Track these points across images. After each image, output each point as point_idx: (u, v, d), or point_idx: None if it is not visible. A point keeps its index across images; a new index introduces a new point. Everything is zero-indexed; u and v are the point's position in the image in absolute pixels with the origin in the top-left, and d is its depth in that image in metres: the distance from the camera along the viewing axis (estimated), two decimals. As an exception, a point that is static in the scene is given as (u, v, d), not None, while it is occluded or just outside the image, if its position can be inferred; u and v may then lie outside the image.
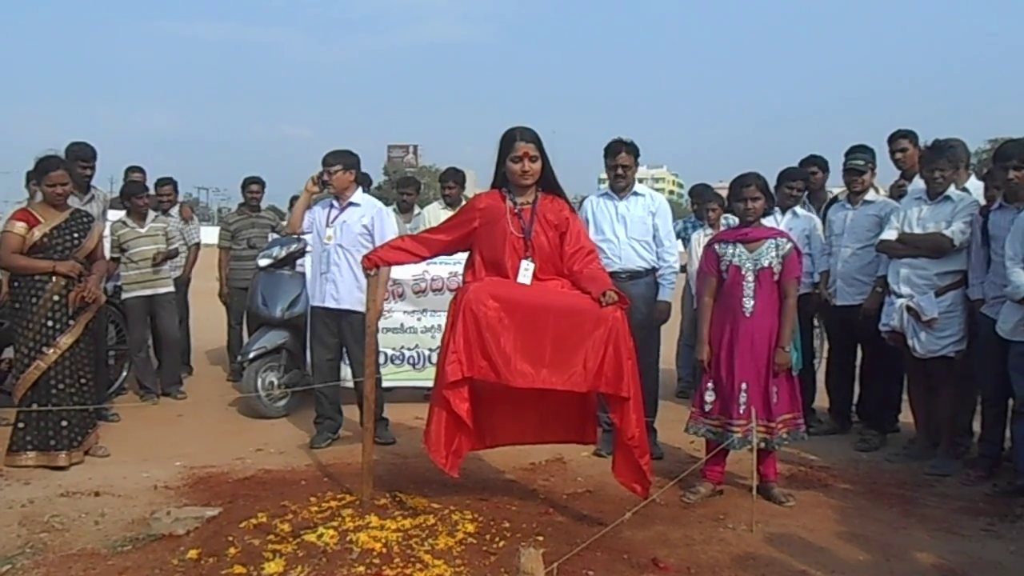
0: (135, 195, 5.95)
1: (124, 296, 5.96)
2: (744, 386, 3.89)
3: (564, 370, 3.29)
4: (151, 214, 6.08)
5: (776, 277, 3.93)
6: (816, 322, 5.77)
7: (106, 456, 4.62)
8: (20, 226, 4.31)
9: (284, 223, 7.30)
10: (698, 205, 6.55)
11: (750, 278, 3.92)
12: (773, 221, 5.28)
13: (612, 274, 4.56)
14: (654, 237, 4.70)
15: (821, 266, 5.29)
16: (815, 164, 5.77)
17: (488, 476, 4.35)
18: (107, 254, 5.13)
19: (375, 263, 3.67)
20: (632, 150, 4.70)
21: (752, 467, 3.75)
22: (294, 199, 9.45)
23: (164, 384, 6.21)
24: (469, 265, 3.65)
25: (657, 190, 5.56)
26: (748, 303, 3.91)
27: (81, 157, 5.23)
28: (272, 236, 6.78)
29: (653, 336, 4.76)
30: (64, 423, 4.36)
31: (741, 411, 3.86)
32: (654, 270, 4.72)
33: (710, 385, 4.01)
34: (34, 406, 4.30)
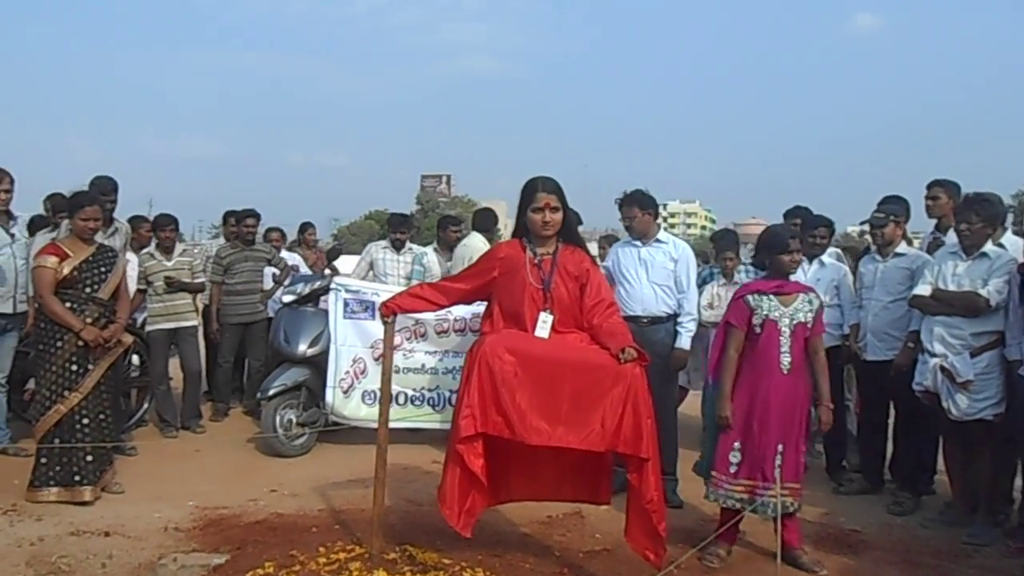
0: (162, 228, 6.00)
1: (148, 328, 5.99)
2: (781, 448, 3.72)
3: (581, 428, 3.19)
4: (178, 247, 6.13)
5: (807, 333, 3.81)
6: (846, 373, 5.59)
7: (120, 493, 4.59)
8: (52, 260, 4.34)
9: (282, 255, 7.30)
10: (716, 251, 6.34)
11: (786, 333, 3.76)
12: (801, 271, 5.18)
13: (632, 318, 4.58)
14: (675, 284, 4.68)
15: (851, 319, 5.14)
16: (798, 216, 5.63)
17: (503, 529, 4.24)
18: (132, 286, 5.17)
19: (392, 310, 3.62)
20: (639, 202, 4.73)
21: (777, 535, 3.57)
22: (306, 225, 9.55)
23: (184, 418, 6.20)
24: (487, 315, 3.59)
25: (689, 225, 5.51)
26: (785, 359, 3.75)
27: (104, 190, 5.28)
28: (268, 271, 6.74)
29: (671, 384, 4.68)
30: (90, 458, 4.36)
31: (777, 475, 3.66)
32: (675, 316, 4.68)
33: (736, 445, 3.82)
34: (57, 442, 4.30)
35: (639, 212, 4.76)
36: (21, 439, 5.26)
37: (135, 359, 6.18)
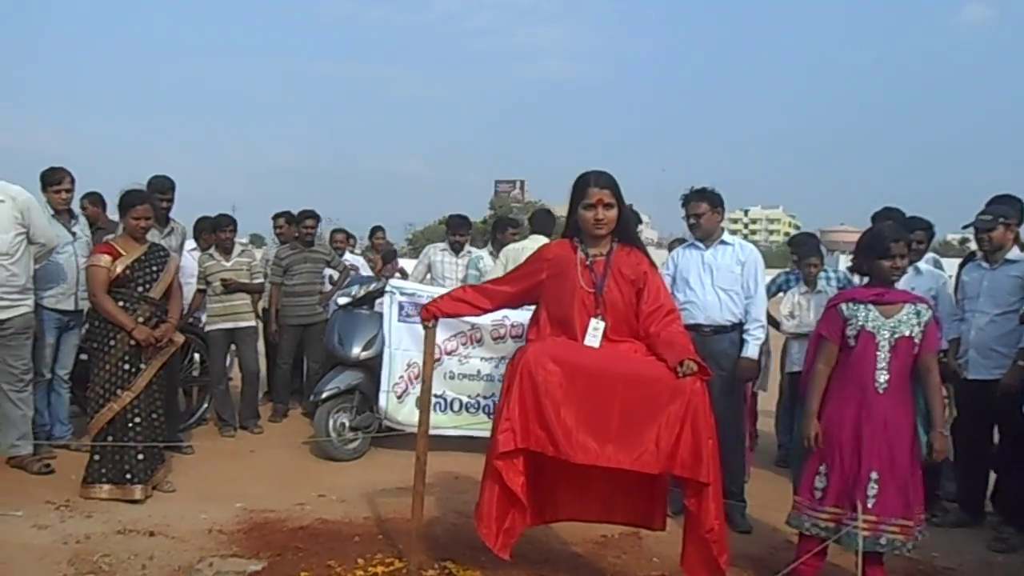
0: (221, 228, 6.01)
1: (207, 328, 6.01)
2: (875, 475, 3.32)
3: (633, 448, 2.93)
4: (237, 248, 6.12)
5: (916, 349, 3.39)
6: (945, 391, 5.11)
7: (172, 492, 4.57)
8: (105, 259, 4.35)
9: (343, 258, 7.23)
10: (798, 257, 5.90)
11: (885, 348, 3.36)
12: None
13: (695, 327, 4.28)
14: (742, 288, 4.35)
15: (950, 333, 4.66)
16: (890, 218, 5.16)
17: (553, 547, 4.01)
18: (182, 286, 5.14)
19: (433, 314, 3.43)
20: (707, 198, 4.42)
21: (858, 569, 3.21)
22: (375, 229, 9.50)
23: (242, 418, 6.19)
24: (534, 321, 3.35)
25: (772, 232, 5.14)
26: (881, 377, 3.36)
27: (159, 189, 5.30)
28: (327, 272, 6.65)
29: (737, 397, 4.36)
30: (141, 456, 4.36)
31: (871, 505, 3.29)
32: (740, 325, 4.35)
33: (822, 468, 3.44)
34: (109, 439, 4.30)
35: (708, 209, 4.43)
36: (84, 435, 5.32)
37: (196, 358, 6.23)
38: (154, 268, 4.45)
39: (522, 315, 5.68)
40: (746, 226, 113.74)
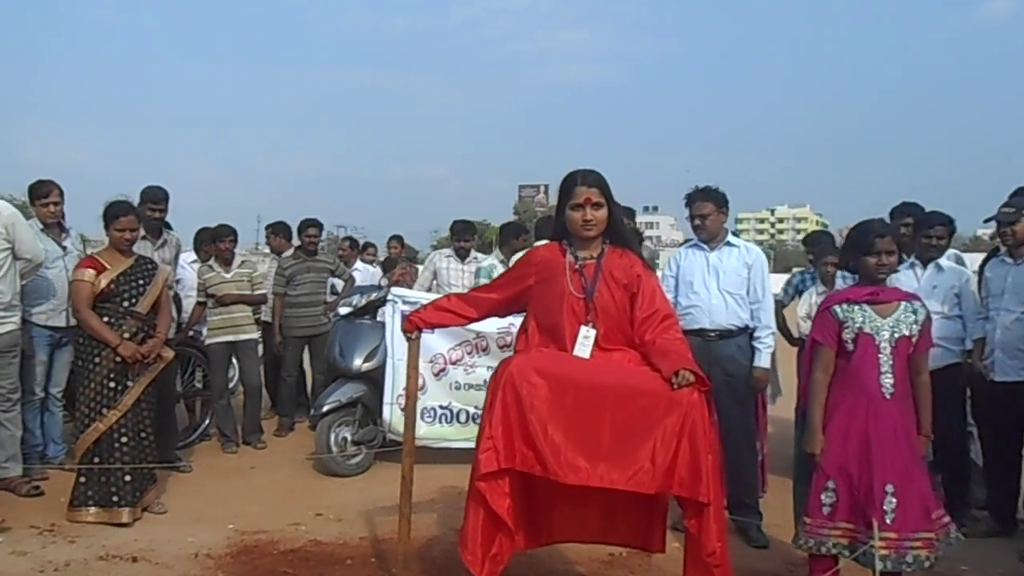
0: (220, 239, 5.89)
1: (208, 341, 5.88)
2: (891, 488, 3.07)
3: (627, 466, 2.71)
4: (237, 259, 6.00)
5: (912, 349, 3.20)
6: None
7: (163, 513, 4.43)
8: (89, 273, 4.23)
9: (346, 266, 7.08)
10: (813, 256, 5.63)
11: (887, 350, 3.14)
12: (914, 276, 4.52)
13: (700, 331, 4.11)
14: (748, 293, 4.15)
15: (976, 332, 4.40)
16: (909, 214, 4.88)
17: (557, 568, 3.80)
18: (182, 299, 5.02)
19: (416, 325, 3.24)
20: (713, 197, 4.23)
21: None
22: (392, 238, 9.37)
23: (245, 433, 6.05)
24: (523, 330, 3.15)
25: (799, 231, 4.90)
26: (887, 381, 3.13)
27: (152, 200, 5.17)
28: (331, 282, 6.50)
29: (748, 406, 4.13)
30: (128, 478, 4.22)
31: (890, 521, 3.04)
32: (748, 330, 4.14)
33: (830, 485, 3.19)
34: (96, 460, 4.17)
35: (713, 209, 4.24)
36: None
37: (197, 374, 6.12)
38: (140, 282, 4.32)
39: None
40: (772, 225, 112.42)
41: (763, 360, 4.14)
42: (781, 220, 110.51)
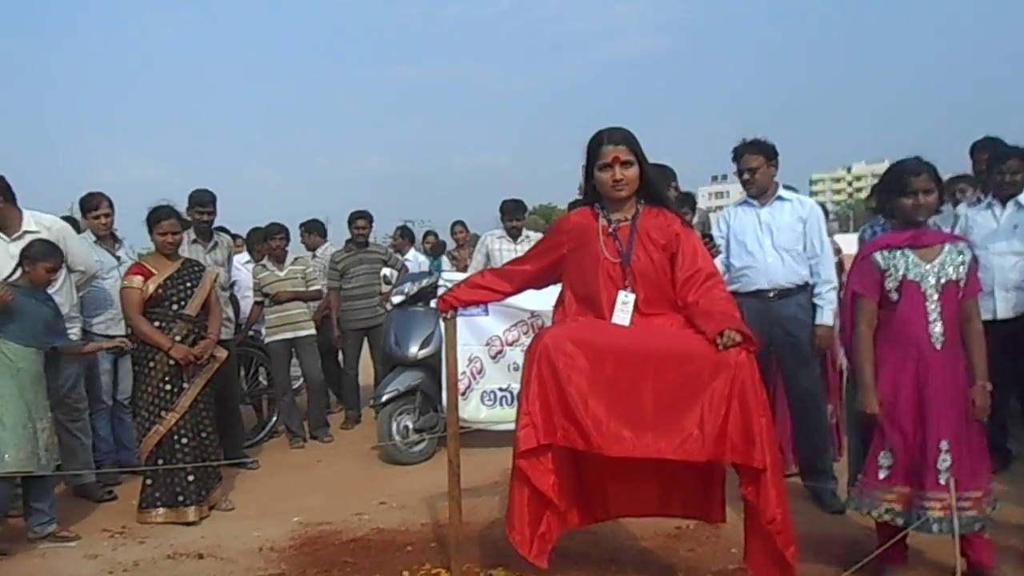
0: (271, 237, 5.94)
1: (267, 340, 5.95)
2: (945, 445, 2.87)
3: (674, 434, 2.57)
4: (290, 256, 6.05)
5: (960, 294, 2.96)
6: None
7: (230, 510, 4.49)
8: (137, 279, 4.30)
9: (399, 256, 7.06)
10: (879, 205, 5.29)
11: (934, 296, 2.92)
12: (992, 216, 4.23)
13: (757, 292, 3.92)
14: (805, 248, 3.93)
15: None
16: (986, 149, 4.50)
17: (620, 543, 3.67)
18: (239, 301, 5.08)
19: (451, 304, 3.15)
20: (763, 149, 3.99)
21: (956, 558, 2.74)
22: (458, 223, 9.31)
23: (311, 427, 6.11)
24: (559, 301, 3.02)
25: (859, 191, 4.62)
26: (936, 330, 2.91)
27: (199, 203, 5.22)
28: (384, 272, 6.48)
29: (811, 367, 3.95)
30: (191, 477, 4.28)
31: (941, 481, 2.85)
32: (808, 287, 3.92)
33: (887, 444, 2.99)
34: (160, 462, 4.26)
35: (763, 162, 4.01)
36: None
37: (261, 372, 6.21)
38: (188, 284, 4.37)
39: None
40: (850, 184, 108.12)
41: (825, 317, 3.91)
42: (859, 178, 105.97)
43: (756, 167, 4.02)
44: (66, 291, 4.41)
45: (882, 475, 2.98)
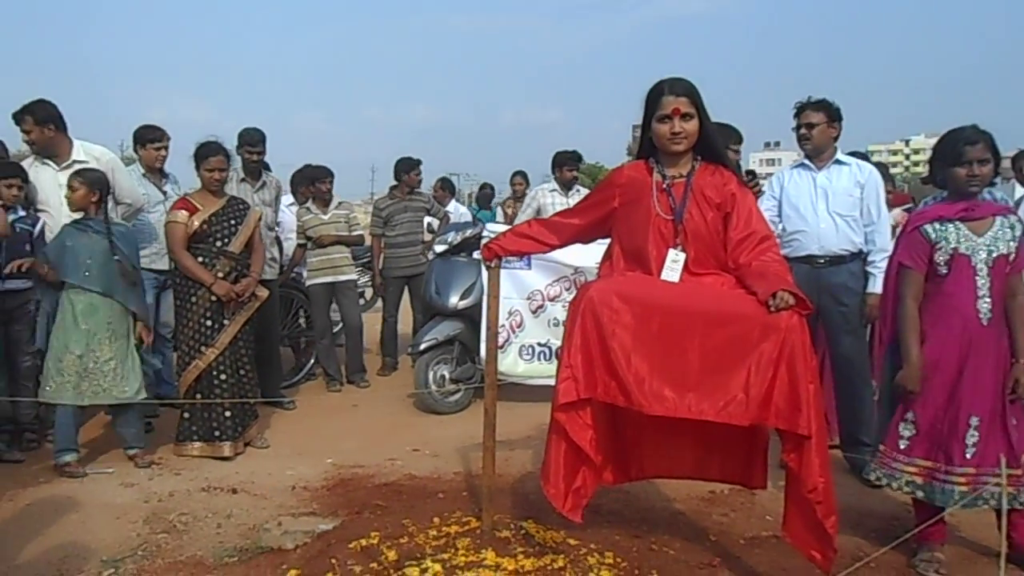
0: (319, 180, 5.91)
1: (308, 283, 5.97)
2: (975, 421, 2.83)
3: (718, 396, 2.49)
4: (335, 200, 6.02)
5: (1008, 268, 2.87)
6: None
7: (265, 447, 4.56)
8: (182, 215, 4.31)
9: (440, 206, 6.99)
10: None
11: (984, 271, 2.85)
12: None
13: (808, 258, 3.82)
14: (861, 214, 3.81)
15: None
16: None
17: (653, 505, 3.64)
18: (266, 241, 5.08)
19: (495, 253, 3.08)
20: (826, 108, 3.85)
21: (1002, 533, 2.64)
22: (518, 173, 9.18)
23: (348, 372, 6.15)
24: (607, 256, 2.93)
25: (916, 164, 4.44)
26: (984, 305, 2.84)
27: (249, 142, 5.20)
28: (427, 220, 6.41)
29: (863, 338, 3.88)
30: (228, 413, 4.34)
31: (968, 456, 2.82)
32: (859, 255, 3.81)
33: (909, 416, 2.95)
34: (198, 397, 4.31)
35: (824, 120, 3.87)
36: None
37: (301, 315, 6.24)
38: (232, 222, 4.37)
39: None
40: (907, 157, 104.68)
41: (878, 286, 3.76)
42: (917, 151, 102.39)
43: (815, 123, 3.89)
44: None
45: (903, 445, 2.96)
